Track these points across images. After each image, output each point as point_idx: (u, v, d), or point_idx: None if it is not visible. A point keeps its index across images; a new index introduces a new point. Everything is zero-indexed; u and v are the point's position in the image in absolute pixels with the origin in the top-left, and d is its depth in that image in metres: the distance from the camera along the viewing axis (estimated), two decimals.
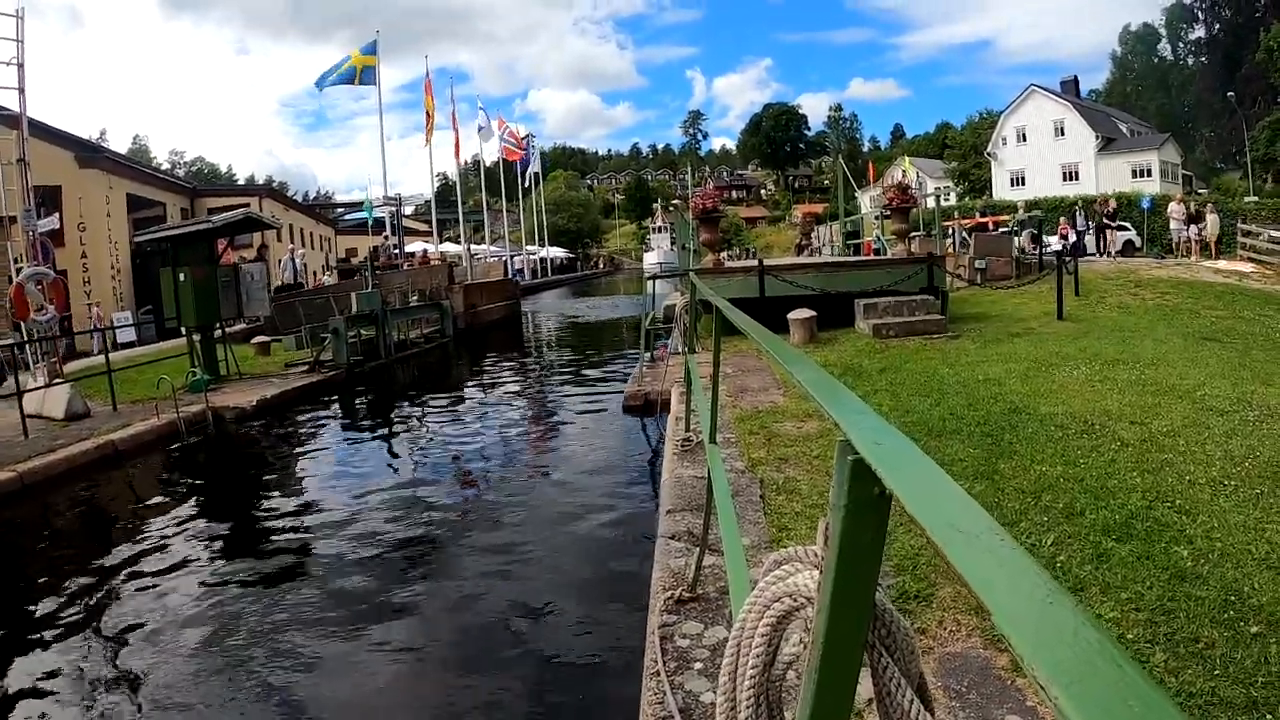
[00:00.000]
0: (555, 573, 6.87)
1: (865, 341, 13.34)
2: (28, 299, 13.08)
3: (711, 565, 4.54)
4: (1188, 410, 7.52)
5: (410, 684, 5.16)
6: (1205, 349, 11.16)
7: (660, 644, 3.90)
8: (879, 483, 0.83)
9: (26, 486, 9.50)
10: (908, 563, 4.45)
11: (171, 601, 6.48)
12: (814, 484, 5.98)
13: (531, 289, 55.05)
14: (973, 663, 3.50)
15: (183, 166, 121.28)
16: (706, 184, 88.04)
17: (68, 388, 12.49)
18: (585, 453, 10.89)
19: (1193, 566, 4.24)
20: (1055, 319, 14.67)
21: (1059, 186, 53.54)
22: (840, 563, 0.91)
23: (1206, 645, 3.52)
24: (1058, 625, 0.52)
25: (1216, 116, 72.89)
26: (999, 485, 5.65)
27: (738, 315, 2.68)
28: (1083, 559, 4.40)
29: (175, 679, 5.22)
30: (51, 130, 25.81)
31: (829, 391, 1.19)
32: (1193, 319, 14.00)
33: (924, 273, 15.31)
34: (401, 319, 21.90)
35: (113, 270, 27.78)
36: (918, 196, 21.12)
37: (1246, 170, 55.41)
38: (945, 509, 0.69)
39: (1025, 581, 0.58)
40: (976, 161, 68.89)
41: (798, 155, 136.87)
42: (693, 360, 5.86)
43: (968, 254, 24.33)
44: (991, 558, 0.61)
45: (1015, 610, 0.54)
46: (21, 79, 13.56)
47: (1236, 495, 5.22)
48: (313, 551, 7.56)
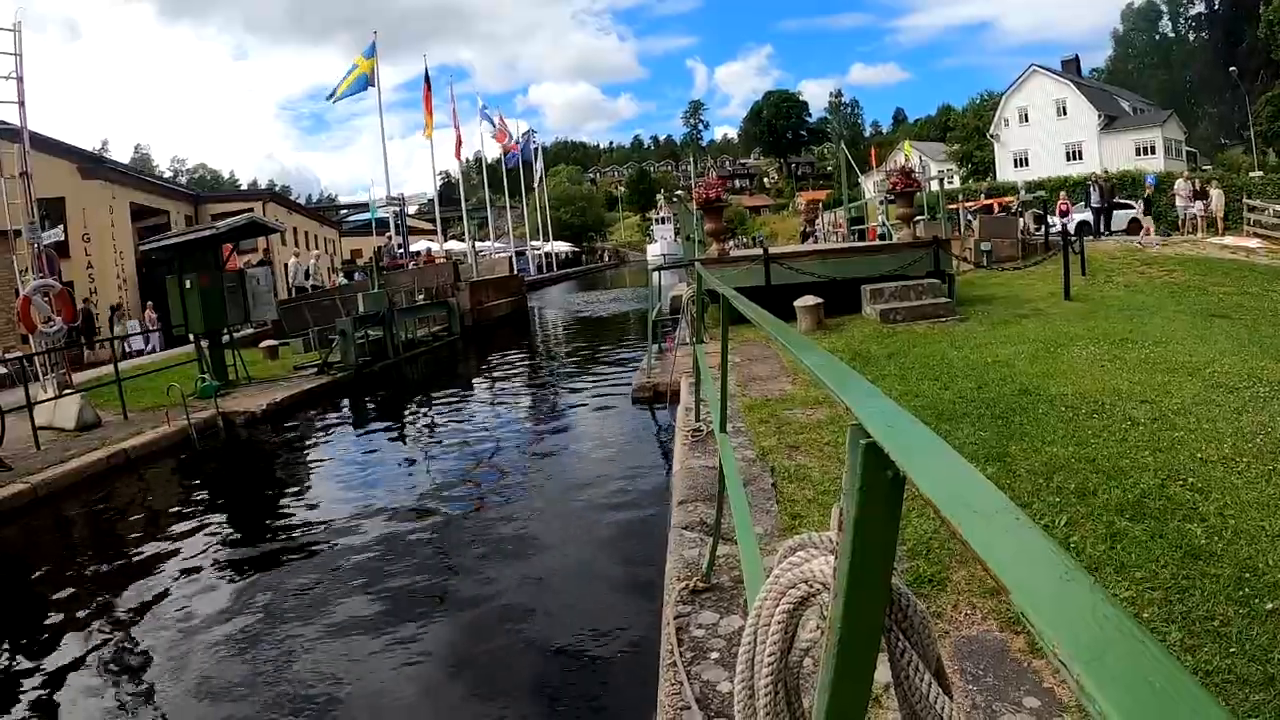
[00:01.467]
0: (569, 565, 6.89)
1: (873, 327, 13.32)
2: (35, 311, 13.13)
3: (725, 554, 4.55)
4: (1198, 387, 7.50)
5: (425, 677, 5.18)
6: (1214, 326, 11.13)
7: (676, 634, 3.91)
8: (892, 466, 0.83)
9: (40, 498, 9.54)
10: (921, 547, 4.45)
11: (187, 608, 6.51)
12: (825, 471, 5.98)
13: (537, 284, 55.05)
14: (989, 645, 3.51)
15: (185, 174, 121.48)
16: (709, 174, 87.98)
17: (78, 398, 12.54)
18: (596, 446, 10.91)
19: (1206, 544, 4.23)
20: (1063, 299, 14.63)
21: (1063, 166, 53.40)
22: (855, 547, 0.91)
23: (1222, 623, 3.52)
24: (1076, 602, 0.52)
25: (1219, 92, 72.36)
26: (1010, 467, 5.64)
27: (745, 304, 2.67)
28: (1096, 539, 4.40)
29: (191, 686, 5.26)
30: (53, 142, 25.88)
31: (839, 377, 1.19)
32: (1201, 296, 13.95)
33: (930, 257, 15.26)
34: (409, 318, 21.92)
35: (119, 280, 27.87)
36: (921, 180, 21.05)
37: (1250, 145, 55.09)
38: (959, 490, 0.69)
39: (1042, 560, 0.58)
40: (979, 143, 68.66)
41: (799, 142, 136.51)
42: (701, 350, 5.85)
43: (973, 236, 24.27)
44: (1008, 537, 0.61)
45: (1033, 588, 0.54)
46: (21, 92, 13.58)
47: (1249, 472, 5.21)
48: (327, 554, 7.58)
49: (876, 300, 14.20)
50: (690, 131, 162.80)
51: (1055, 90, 60.27)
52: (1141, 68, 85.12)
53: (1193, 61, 79.53)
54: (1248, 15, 68.22)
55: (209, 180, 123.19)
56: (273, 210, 36.97)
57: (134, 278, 28.83)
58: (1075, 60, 69.44)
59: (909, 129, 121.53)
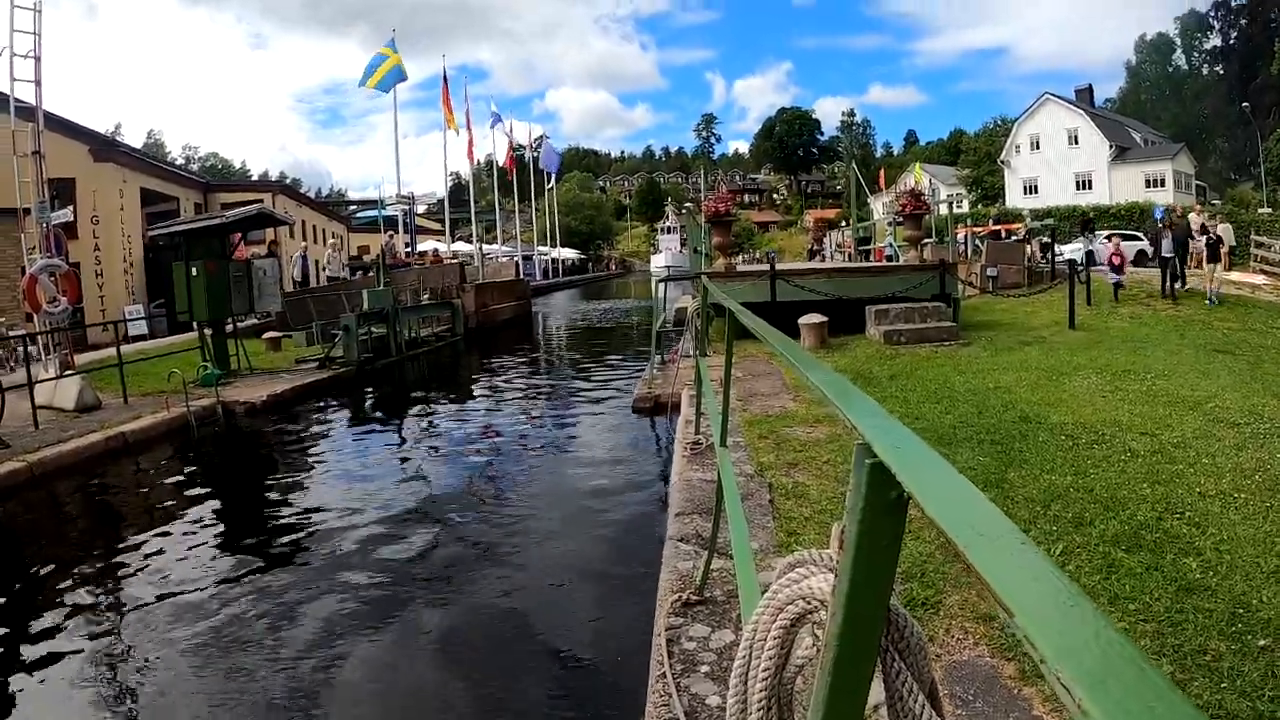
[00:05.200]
0: (562, 572, 6.87)
1: (876, 348, 13.33)
2: (40, 291, 13.15)
3: (720, 569, 4.54)
4: (1198, 422, 7.50)
5: (413, 680, 5.17)
6: (1217, 361, 11.13)
7: (667, 646, 3.90)
8: (897, 486, 0.84)
9: (36, 476, 9.55)
10: (916, 569, 4.44)
11: (176, 593, 6.50)
12: (823, 489, 5.98)
13: (542, 290, 55.01)
14: (980, 671, 3.50)
15: (197, 161, 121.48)
16: (719, 187, 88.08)
17: (79, 379, 12.56)
18: (594, 453, 10.90)
19: (1201, 579, 4.23)
20: (1067, 328, 14.64)
21: (1072, 195, 53.48)
22: (856, 566, 0.92)
23: (1214, 657, 3.51)
24: (1080, 628, 0.53)
25: (1231, 127, 72.51)
26: (1008, 494, 5.64)
27: (752, 319, 2.68)
28: (1092, 569, 4.39)
29: (177, 669, 5.24)
30: (67, 123, 25.95)
31: (845, 395, 1.20)
32: (1205, 330, 13.95)
33: (936, 280, 15.29)
34: (413, 317, 21.93)
35: (125, 264, 27.90)
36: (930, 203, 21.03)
37: (1260, 181, 55.11)
38: (965, 513, 0.70)
39: (1047, 585, 0.58)
40: (990, 169, 68.75)
41: (810, 160, 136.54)
42: (704, 363, 5.86)
43: (979, 261, 24.26)
44: (1013, 561, 0.61)
45: (1038, 613, 0.55)
46: (38, 72, 13.63)
47: (1246, 508, 5.21)
48: (317, 547, 7.57)
49: (881, 321, 14.21)
50: (702, 144, 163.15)
51: (1067, 119, 60.37)
52: (1154, 99, 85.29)
53: (1205, 95, 79.70)
54: (1262, 51, 68.35)
55: (220, 169, 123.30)
56: (282, 202, 37.02)
57: (140, 262, 28.85)
58: (1089, 90, 69.67)
59: (920, 151, 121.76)
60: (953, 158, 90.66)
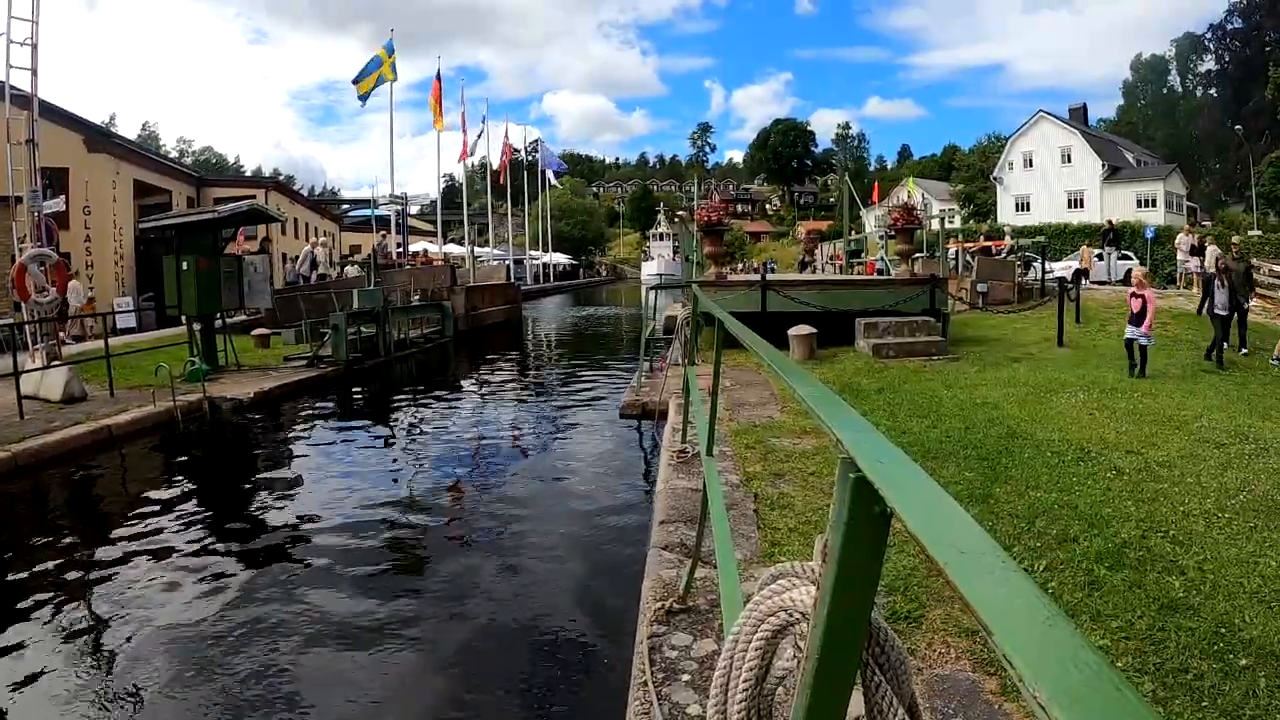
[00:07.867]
0: (545, 578, 6.85)
1: (864, 360, 13.36)
2: (30, 280, 13.07)
3: (703, 577, 4.54)
4: (1184, 441, 7.54)
5: (394, 685, 5.14)
6: (1203, 381, 11.19)
7: (649, 654, 3.90)
8: (881, 501, 0.84)
9: (20, 466, 9.48)
10: (899, 583, 4.45)
11: (157, 587, 6.45)
12: (808, 500, 5.98)
13: (533, 294, 54.91)
14: (961, 685, 3.50)
15: (191, 155, 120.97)
16: (713, 196, 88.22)
17: (66, 370, 12.48)
18: (580, 459, 10.87)
19: (1184, 597, 4.24)
20: (1055, 345, 14.71)
21: (1063, 213, 53.68)
22: (838, 580, 0.92)
23: (1195, 676, 3.52)
24: (1058, 648, 0.53)
25: (1223, 149, 72.98)
26: (993, 509, 5.66)
27: (741, 330, 2.68)
28: (1075, 586, 4.41)
29: (153, 662, 5.20)
30: (62, 112, 25.79)
31: (832, 408, 1.20)
32: (1192, 350, 14.01)
33: (926, 294, 15.34)
34: (402, 318, 21.88)
35: (116, 255, 27.75)
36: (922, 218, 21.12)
37: (1251, 204, 55.46)
38: (947, 530, 0.70)
39: (1026, 604, 0.58)
40: (982, 185, 69.01)
41: (804, 172, 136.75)
42: (692, 372, 5.86)
43: (970, 276, 24.36)
44: (993, 579, 0.62)
45: (1017, 632, 0.55)
46: (35, 60, 13.55)
47: (1230, 528, 5.24)
48: (300, 544, 7.53)
49: (870, 334, 14.25)
50: (696, 153, 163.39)
51: (1061, 137, 60.61)
52: (1148, 120, 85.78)
53: (1199, 117, 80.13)
54: (1256, 75, 68.81)
55: (214, 163, 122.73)
56: (275, 199, 36.95)
57: (131, 254, 28.72)
58: (1083, 109, 69.96)
59: (914, 166, 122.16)
60: (946, 173, 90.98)
